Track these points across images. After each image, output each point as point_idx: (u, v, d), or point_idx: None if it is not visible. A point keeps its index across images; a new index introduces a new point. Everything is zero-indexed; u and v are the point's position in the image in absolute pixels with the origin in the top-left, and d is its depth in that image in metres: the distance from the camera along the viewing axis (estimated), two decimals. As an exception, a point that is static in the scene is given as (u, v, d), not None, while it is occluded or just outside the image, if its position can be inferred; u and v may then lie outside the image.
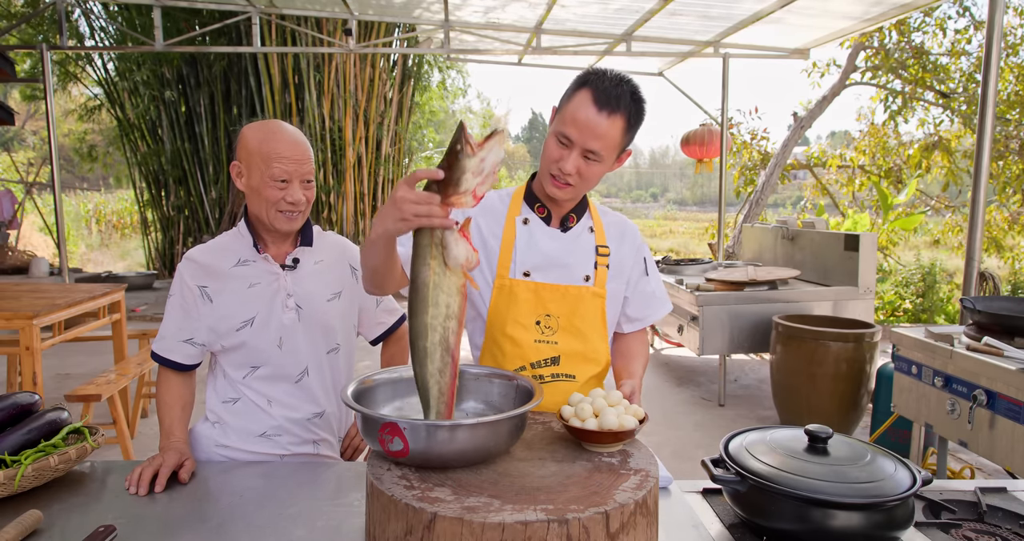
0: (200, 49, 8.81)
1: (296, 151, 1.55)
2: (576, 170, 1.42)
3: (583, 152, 1.41)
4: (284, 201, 1.55)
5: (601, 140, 1.39)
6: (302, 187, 1.57)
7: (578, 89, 1.41)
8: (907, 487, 1.13)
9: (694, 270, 5.70)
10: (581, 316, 1.56)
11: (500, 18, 6.80)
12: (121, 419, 3.43)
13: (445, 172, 1.06)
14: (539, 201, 1.57)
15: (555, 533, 0.93)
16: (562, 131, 1.41)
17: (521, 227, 1.55)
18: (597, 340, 1.59)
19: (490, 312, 1.56)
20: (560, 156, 1.42)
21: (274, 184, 1.54)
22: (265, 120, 1.61)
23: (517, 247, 1.54)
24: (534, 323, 1.54)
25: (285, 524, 1.24)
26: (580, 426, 1.18)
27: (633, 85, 1.42)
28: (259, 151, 1.53)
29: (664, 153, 55.75)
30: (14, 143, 19.91)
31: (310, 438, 1.69)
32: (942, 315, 8.24)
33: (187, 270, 1.61)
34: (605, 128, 1.38)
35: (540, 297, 1.54)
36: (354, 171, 10.51)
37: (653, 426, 4.41)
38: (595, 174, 1.44)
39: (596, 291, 1.57)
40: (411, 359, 1.14)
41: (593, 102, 1.37)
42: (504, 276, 1.54)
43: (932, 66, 9.18)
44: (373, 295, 1.43)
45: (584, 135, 1.38)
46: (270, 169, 1.53)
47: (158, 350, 1.63)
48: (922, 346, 2.71)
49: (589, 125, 1.38)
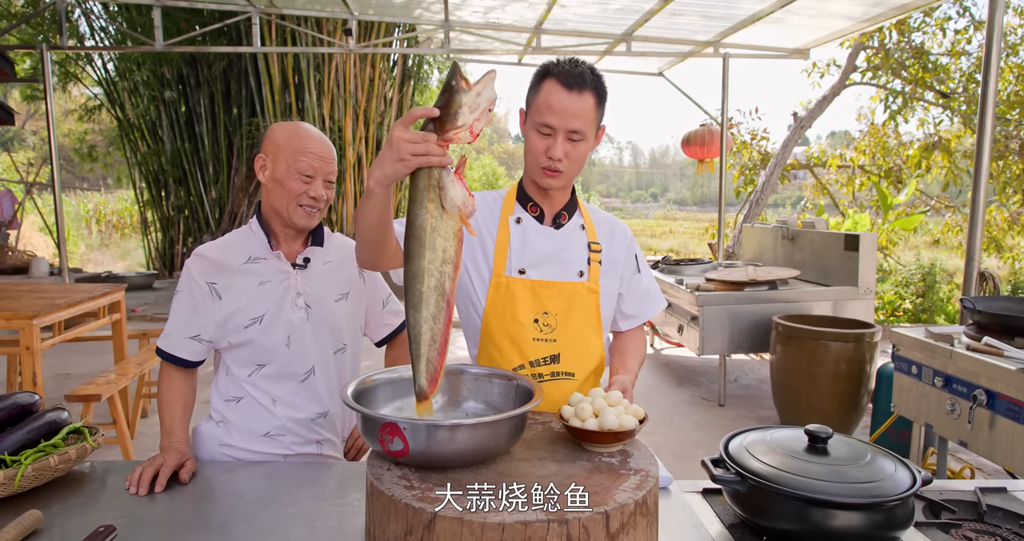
0: (200, 49, 8.80)
1: (324, 149, 1.60)
2: (565, 154, 1.46)
3: (567, 135, 1.45)
4: (307, 195, 1.58)
5: (580, 118, 1.44)
6: (325, 185, 1.61)
7: (542, 81, 1.47)
8: (907, 487, 1.13)
9: (694, 270, 5.70)
10: (578, 313, 1.57)
11: (500, 18, 6.80)
12: (121, 419, 3.43)
13: (441, 109, 1.07)
14: (531, 200, 1.59)
15: (555, 533, 0.93)
16: (541, 121, 1.45)
17: (515, 226, 1.58)
18: (594, 337, 1.60)
19: (486, 311, 1.56)
20: (546, 145, 1.46)
21: (300, 177, 1.57)
22: (294, 121, 1.65)
23: (512, 246, 1.56)
24: (532, 321, 1.55)
25: (285, 524, 1.24)
26: (580, 426, 1.18)
27: (589, 64, 1.48)
28: (288, 145, 1.57)
29: (664, 153, 55.76)
30: (14, 143, 19.91)
31: (314, 438, 1.69)
32: (942, 315, 8.24)
33: (196, 266, 1.61)
34: (580, 106, 1.43)
35: (537, 295, 1.55)
36: (354, 171, 10.51)
37: (653, 426, 4.41)
38: (582, 154, 1.49)
39: (591, 287, 1.59)
40: (405, 304, 1.13)
41: (562, 86, 1.43)
42: (500, 274, 1.55)
43: (932, 66, 9.18)
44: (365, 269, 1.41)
45: (564, 118, 1.43)
46: (297, 162, 1.56)
47: (164, 346, 1.63)
48: (922, 346, 2.71)
49: (565, 107, 1.42)
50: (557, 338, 1.56)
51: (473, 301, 1.60)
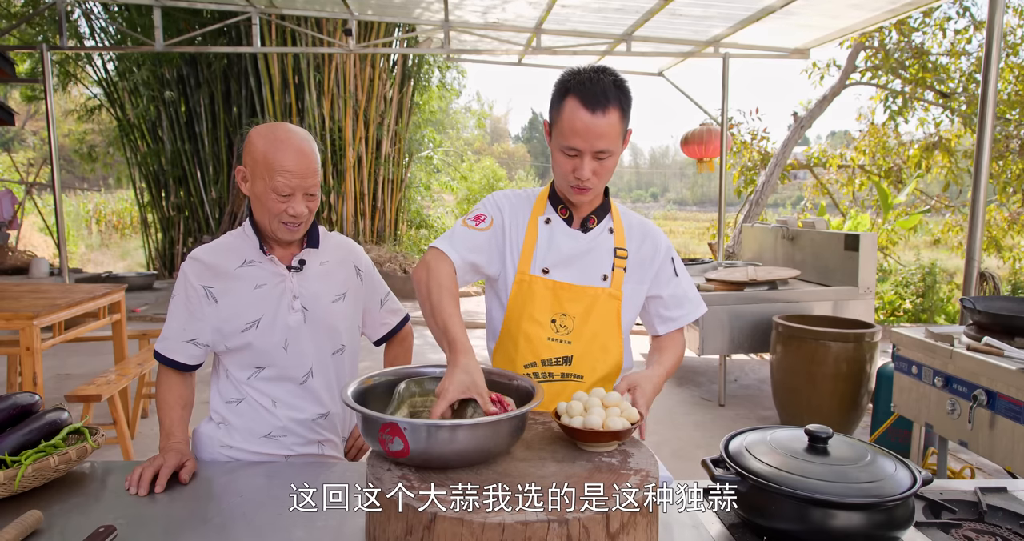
0: (200, 49, 8.80)
1: (301, 164, 1.51)
2: (592, 172, 1.45)
3: (594, 155, 1.44)
4: (286, 213, 1.53)
5: (605, 138, 1.42)
6: (305, 199, 1.55)
7: (564, 99, 1.43)
8: (907, 487, 1.13)
9: (694, 270, 5.71)
10: (597, 318, 1.57)
11: (500, 18, 6.79)
12: (121, 419, 3.43)
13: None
14: (562, 203, 1.60)
15: (555, 533, 0.93)
16: (566, 145, 1.44)
17: (543, 226, 1.60)
18: (611, 342, 1.60)
19: (508, 306, 1.59)
20: (574, 166, 1.45)
21: (277, 197, 1.51)
22: (274, 124, 1.57)
23: (538, 245, 1.58)
24: (549, 321, 1.56)
25: (285, 524, 1.24)
26: (567, 423, 1.20)
27: (611, 72, 1.44)
28: (264, 161, 1.50)
29: (664, 153, 55.73)
30: (14, 143, 19.91)
31: (315, 439, 1.68)
32: (942, 315, 8.24)
33: (192, 270, 1.60)
34: (604, 127, 1.41)
35: (557, 296, 1.56)
36: (354, 171, 10.51)
37: (654, 426, 4.41)
38: (610, 168, 1.49)
39: (612, 292, 1.58)
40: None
41: (584, 107, 1.40)
42: (525, 271, 1.57)
43: (932, 66, 9.18)
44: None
45: (589, 141, 1.41)
46: (273, 182, 1.50)
47: (161, 350, 1.62)
48: (922, 346, 2.71)
49: (589, 129, 1.40)
50: (572, 340, 1.57)
51: (499, 295, 1.62)
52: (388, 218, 11.19)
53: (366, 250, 3.74)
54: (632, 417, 1.22)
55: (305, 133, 1.58)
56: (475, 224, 1.58)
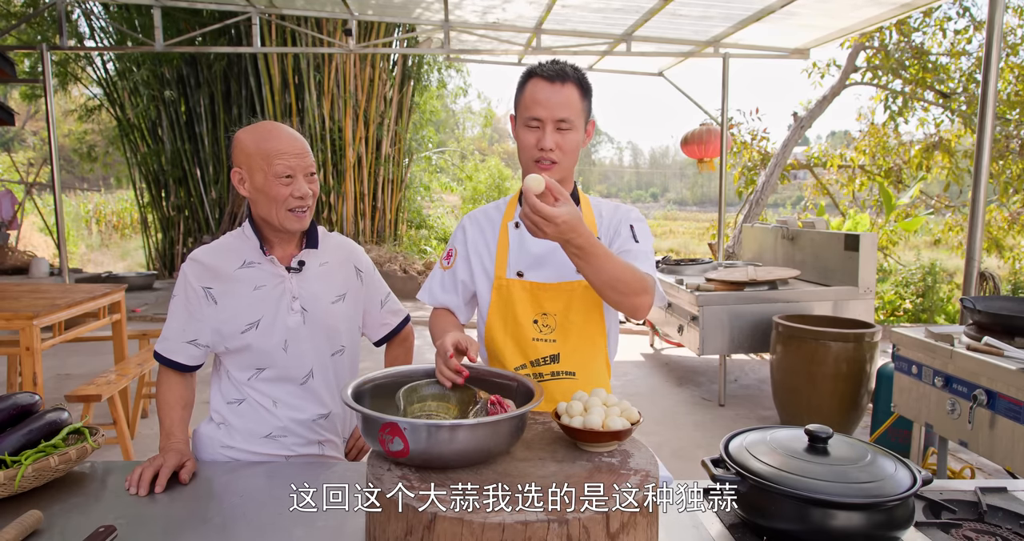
0: (200, 49, 8.81)
1: (295, 145, 1.55)
2: (555, 144, 1.49)
3: (555, 124, 1.49)
4: (292, 197, 1.54)
5: (567, 107, 1.48)
6: (307, 180, 1.57)
7: (526, 82, 1.53)
8: (907, 487, 1.13)
9: (694, 270, 5.70)
10: (577, 312, 1.58)
11: (500, 18, 6.79)
12: (121, 419, 3.43)
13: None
14: None
15: (555, 533, 0.93)
16: (528, 116, 1.50)
17: (513, 231, 1.63)
18: (596, 334, 1.61)
19: (490, 312, 1.61)
20: (536, 138, 1.50)
21: (279, 181, 1.53)
22: (257, 123, 1.60)
23: (511, 249, 1.61)
24: (531, 322, 1.58)
25: (286, 524, 1.24)
26: (567, 423, 1.20)
27: (571, 64, 1.54)
28: (258, 151, 1.53)
29: (664, 153, 55.77)
30: (14, 143, 19.91)
31: (315, 439, 1.68)
32: (942, 315, 8.24)
33: (191, 271, 1.60)
34: (565, 96, 1.48)
35: (535, 297, 1.58)
36: (354, 171, 10.51)
37: (653, 426, 4.41)
38: (573, 144, 1.52)
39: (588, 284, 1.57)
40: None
41: (545, 81, 1.49)
42: (501, 277, 1.60)
43: (932, 66, 9.17)
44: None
45: (550, 108, 1.48)
46: (273, 167, 1.52)
47: (161, 350, 1.62)
48: (922, 346, 2.71)
49: (550, 98, 1.48)
50: (557, 338, 1.58)
51: (481, 304, 1.65)
52: (388, 218, 11.19)
53: (366, 250, 3.74)
54: (632, 417, 1.23)
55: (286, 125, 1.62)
56: (447, 262, 1.71)
